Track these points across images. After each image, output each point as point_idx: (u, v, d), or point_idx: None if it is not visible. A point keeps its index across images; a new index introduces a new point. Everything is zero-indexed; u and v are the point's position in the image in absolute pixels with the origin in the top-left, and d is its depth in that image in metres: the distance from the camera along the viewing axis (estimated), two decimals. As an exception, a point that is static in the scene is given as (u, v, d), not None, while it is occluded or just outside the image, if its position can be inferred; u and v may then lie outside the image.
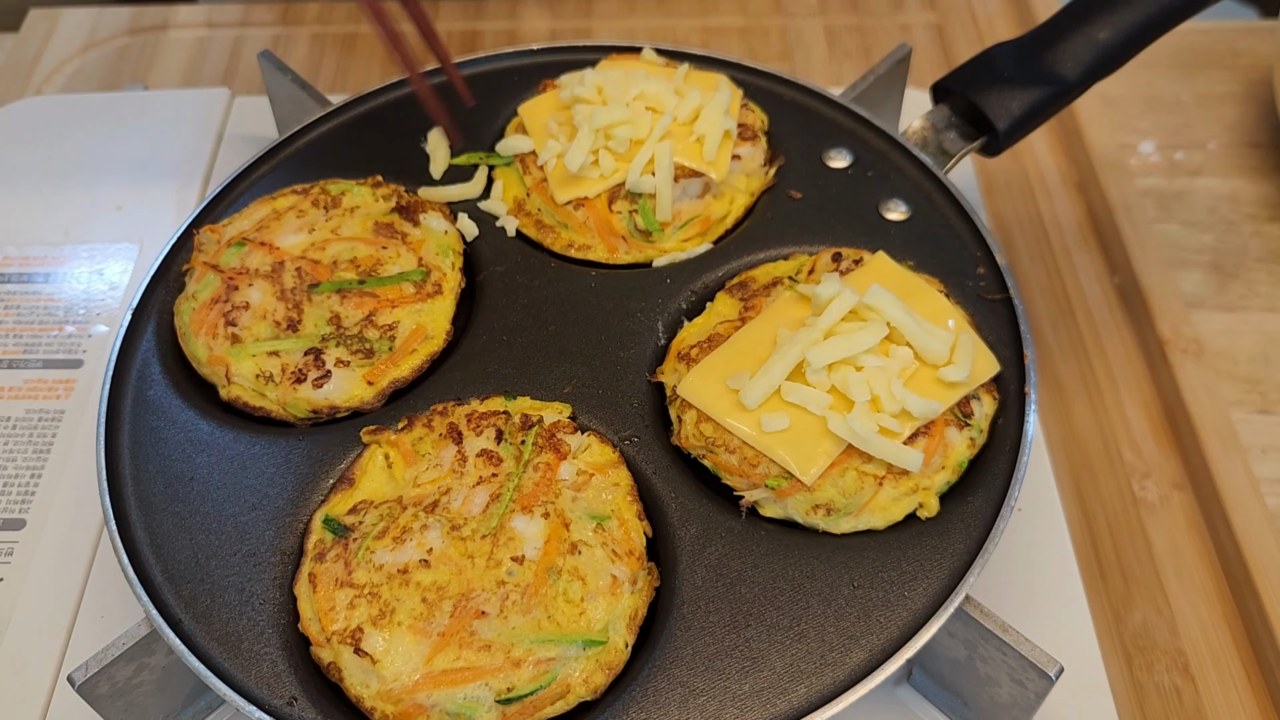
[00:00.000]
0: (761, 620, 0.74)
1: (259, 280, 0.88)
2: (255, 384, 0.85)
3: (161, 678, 0.77)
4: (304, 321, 0.87)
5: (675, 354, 0.85)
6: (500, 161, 0.99)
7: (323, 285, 0.88)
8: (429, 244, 0.91)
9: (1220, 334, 1.09)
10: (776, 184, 0.98)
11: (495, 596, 0.72)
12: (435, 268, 0.90)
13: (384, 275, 0.88)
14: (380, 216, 0.93)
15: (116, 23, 1.44)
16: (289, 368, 0.84)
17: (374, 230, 0.91)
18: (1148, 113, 1.30)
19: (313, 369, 0.84)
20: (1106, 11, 0.97)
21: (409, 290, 0.88)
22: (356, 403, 0.84)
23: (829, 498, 0.77)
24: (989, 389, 0.83)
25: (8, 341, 1.07)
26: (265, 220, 0.92)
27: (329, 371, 0.84)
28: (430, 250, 0.91)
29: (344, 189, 0.95)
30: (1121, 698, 0.87)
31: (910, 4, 1.47)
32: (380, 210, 0.93)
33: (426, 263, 0.90)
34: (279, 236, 0.91)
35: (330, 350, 0.85)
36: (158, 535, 0.78)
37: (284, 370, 0.84)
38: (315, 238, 0.91)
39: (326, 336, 0.86)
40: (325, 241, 0.91)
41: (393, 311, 0.87)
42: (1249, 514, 0.94)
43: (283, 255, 0.89)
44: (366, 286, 0.88)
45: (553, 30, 1.44)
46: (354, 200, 0.94)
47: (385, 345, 0.86)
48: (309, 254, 0.90)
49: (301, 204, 0.93)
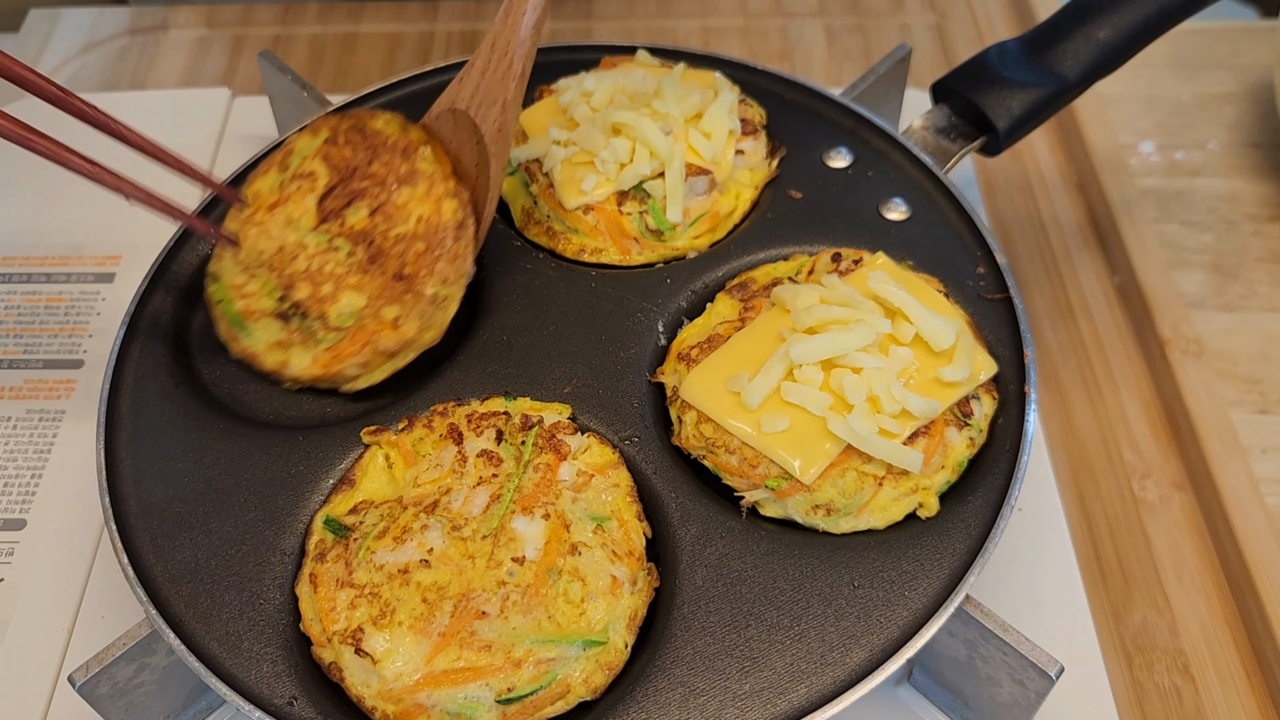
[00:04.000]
0: (762, 620, 0.74)
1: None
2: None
3: (162, 678, 0.77)
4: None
5: (675, 354, 0.85)
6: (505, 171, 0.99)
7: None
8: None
9: (1220, 334, 1.09)
10: (780, 176, 0.98)
11: (496, 597, 0.72)
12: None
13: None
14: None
15: (116, 23, 1.44)
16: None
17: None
18: (1148, 113, 1.30)
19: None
20: (1106, 11, 0.97)
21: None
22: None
23: (829, 498, 0.77)
24: (988, 389, 0.83)
25: (8, 342, 1.07)
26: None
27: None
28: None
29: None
30: (1121, 698, 0.87)
31: (910, 4, 1.47)
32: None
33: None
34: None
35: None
36: (158, 535, 0.78)
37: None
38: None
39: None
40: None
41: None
42: (1249, 514, 0.94)
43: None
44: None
45: (552, 31, 1.44)
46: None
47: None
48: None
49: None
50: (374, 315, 0.84)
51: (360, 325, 0.84)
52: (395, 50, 1.41)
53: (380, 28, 1.44)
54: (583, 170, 0.93)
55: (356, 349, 0.84)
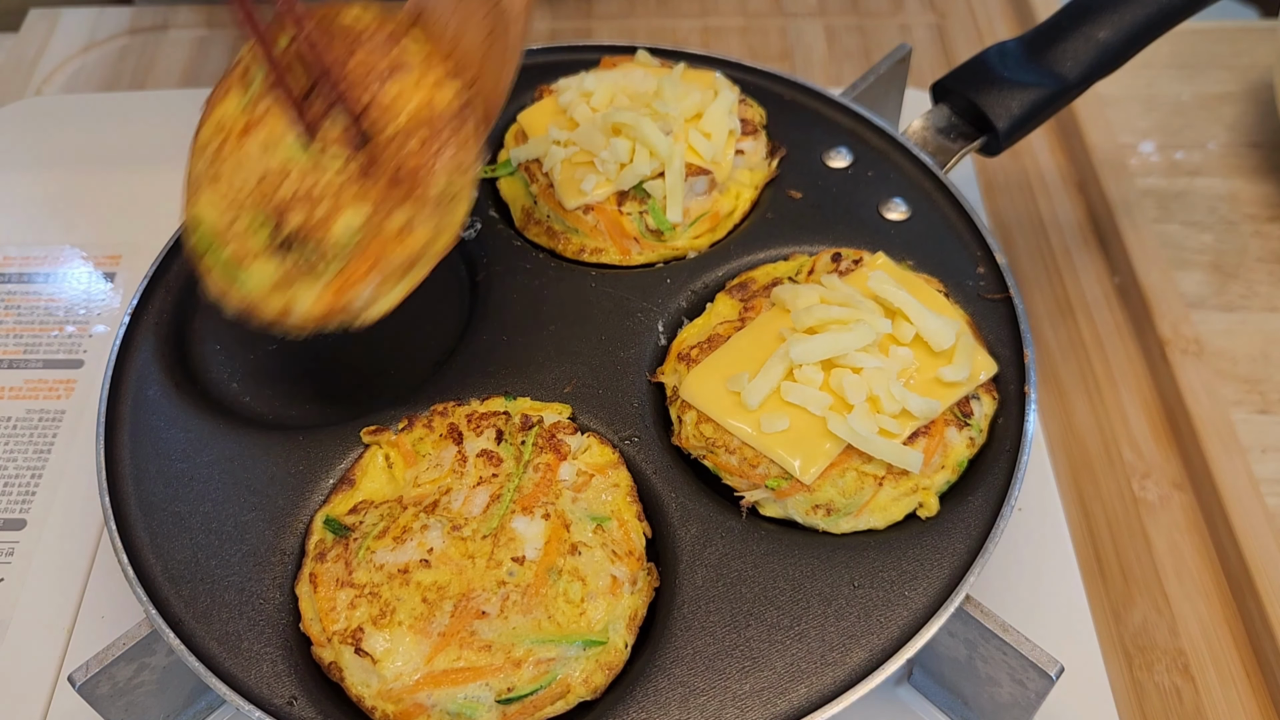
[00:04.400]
0: (761, 620, 0.74)
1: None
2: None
3: (162, 678, 0.77)
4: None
5: (675, 354, 0.85)
6: (505, 171, 0.99)
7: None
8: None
9: (1220, 334, 1.09)
10: (779, 177, 0.98)
11: (496, 597, 0.72)
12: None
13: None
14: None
15: (116, 23, 1.44)
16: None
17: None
18: (1148, 113, 1.31)
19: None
20: (1106, 11, 0.97)
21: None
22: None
23: (829, 498, 0.77)
24: (988, 389, 0.83)
25: (8, 342, 1.07)
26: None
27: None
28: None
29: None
30: (1121, 698, 0.87)
31: (910, 4, 1.47)
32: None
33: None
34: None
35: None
36: (158, 535, 0.78)
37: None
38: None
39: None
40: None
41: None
42: (1249, 514, 0.94)
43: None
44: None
45: (552, 30, 1.44)
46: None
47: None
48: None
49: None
50: (378, 229, 0.76)
51: (365, 243, 0.76)
52: (395, 50, 1.41)
53: (380, 28, 1.44)
54: (583, 170, 0.93)
55: (366, 270, 0.76)
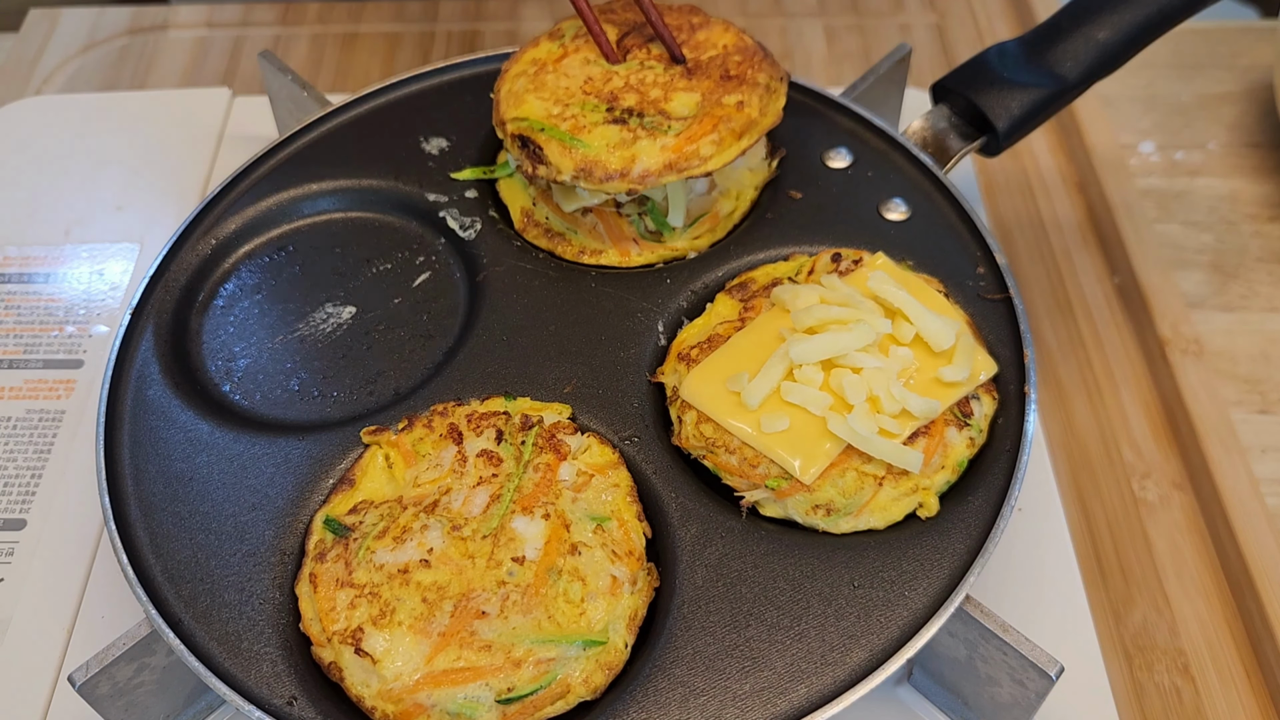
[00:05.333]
0: (761, 620, 0.74)
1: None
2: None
3: (162, 678, 0.77)
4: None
5: (675, 354, 0.85)
6: (504, 173, 0.99)
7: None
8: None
9: (1220, 334, 1.09)
10: (779, 177, 0.98)
11: (495, 597, 0.72)
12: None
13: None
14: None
15: (116, 23, 1.44)
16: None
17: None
18: (1148, 113, 1.31)
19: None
20: (1106, 11, 0.97)
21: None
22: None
23: (829, 498, 0.77)
24: (988, 389, 0.83)
25: (8, 341, 1.07)
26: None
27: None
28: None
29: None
30: (1121, 698, 0.87)
31: (910, 4, 1.47)
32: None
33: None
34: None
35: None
36: (158, 535, 0.78)
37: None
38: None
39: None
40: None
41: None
42: (1249, 514, 0.94)
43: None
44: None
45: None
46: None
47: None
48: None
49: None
50: (717, 103, 0.88)
51: (706, 111, 0.88)
52: (395, 50, 1.41)
53: (380, 27, 1.44)
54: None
55: (710, 128, 0.87)
